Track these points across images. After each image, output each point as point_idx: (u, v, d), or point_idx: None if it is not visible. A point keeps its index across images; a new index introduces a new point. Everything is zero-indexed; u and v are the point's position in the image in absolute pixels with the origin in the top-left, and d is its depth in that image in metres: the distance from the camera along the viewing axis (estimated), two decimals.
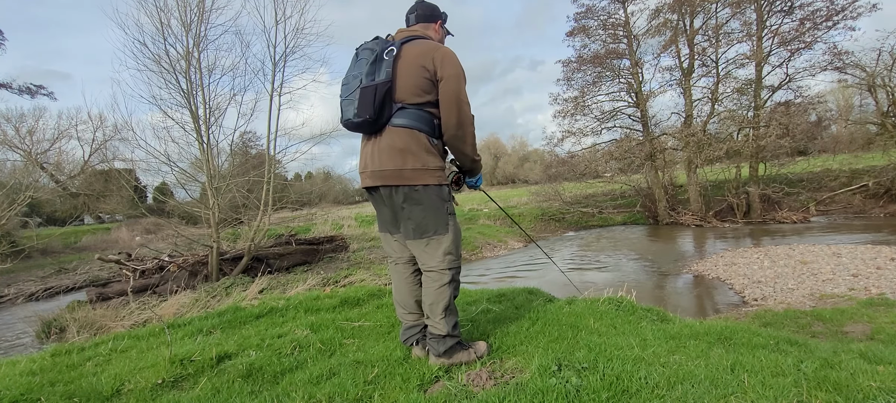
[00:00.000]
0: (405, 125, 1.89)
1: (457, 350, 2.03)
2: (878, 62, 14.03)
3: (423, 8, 2.10)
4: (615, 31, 17.10)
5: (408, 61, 1.88)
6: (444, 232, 1.96)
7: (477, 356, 2.06)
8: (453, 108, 1.90)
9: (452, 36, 2.24)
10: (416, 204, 1.92)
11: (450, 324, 1.99)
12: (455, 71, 1.89)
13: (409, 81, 1.87)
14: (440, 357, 2.00)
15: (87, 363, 2.56)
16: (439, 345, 2.00)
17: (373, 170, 1.96)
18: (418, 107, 1.90)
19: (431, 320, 2.02)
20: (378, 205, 2.12)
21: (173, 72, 8.97)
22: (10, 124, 20.70)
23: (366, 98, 1.84)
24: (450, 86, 1.88)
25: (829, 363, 1.79)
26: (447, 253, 1.96)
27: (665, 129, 17.31)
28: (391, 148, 1.89)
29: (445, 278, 1.97)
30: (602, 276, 8.55)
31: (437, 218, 1.95)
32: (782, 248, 9.26)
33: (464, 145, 2.01)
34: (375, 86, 1.83)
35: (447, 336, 2.00)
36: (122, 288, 8.33)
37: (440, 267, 1.97)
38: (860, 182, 14.47)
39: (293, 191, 15.37)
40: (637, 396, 1.58)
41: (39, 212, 23.74)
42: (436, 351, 2.01)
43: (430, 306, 2.01)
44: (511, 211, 18.18)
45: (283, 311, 3.37)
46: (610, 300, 2.94)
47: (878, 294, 5.70)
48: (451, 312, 2.01)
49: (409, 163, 1.88)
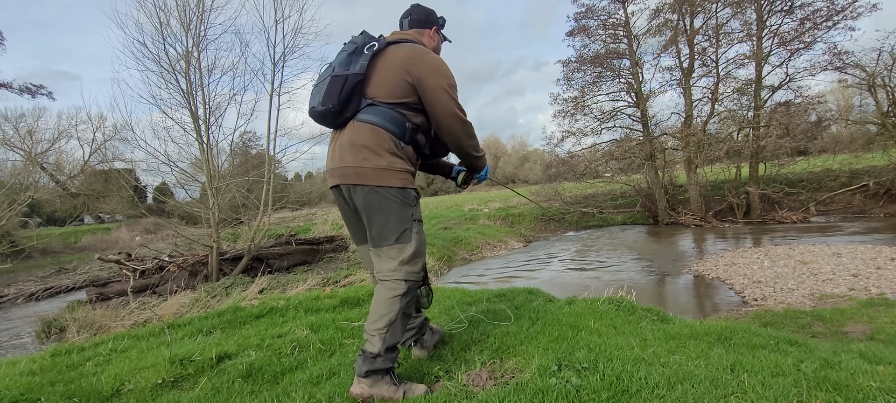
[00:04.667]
0: (370, 121, 1.75)
1: (382, 378, 1.73)
2: (878, 62, 14.02)
3: (417, 12, 2.00)
4: (615, 31, 17.10)
5: (390, 61, 1.78)
6: (406, 240, 1.77)
7: (403, 396, 1.74)
8: (453, 123, 1.83)
9: (450, 42, 2.16)
10: (376, 208, 1.75)
11: (386, 344, 1.73)
12: (442, 82, 1.77)
13: (385, 80, 1.76)
14: (362, 378, 1.72)
15: (87, 363, 2.56)
16: (364, 364, 1.71)
17: (333, 166, 1.82)
18: (391, 107, 1.77)
19: (368, 334, 1.76)
20: (344, 210, 1.94)
21: (173, 72, 8.97)
22: (9, 124, 20.75)
23: (333, 87, 1.72)
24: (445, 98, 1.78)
25: (829, 363, 1.79)
26: (404, 263, 1.76)
27: (665, 129, 17.31)
28: (352, 144, 1.75)
29: (399, 289, 1.75)
30: (602, 276, 8.55)
31: (400, 224, 1.76)
32: (782, 248, 9.26)
33: (473, 151, 1.97)
34: (346, 77, 1.72)
35: (377, 356, 1.72)
36: (122, 288, 8.32)
37: (395, 277, 1.76)
38: (860, 182, 14.46)
39: (293, 191, 15.38)
40: (637, 396, 1.58)
41: (39, 212, 23.75)
42: (359, 371, 1.73)
43: (372, 320, 1.76)
44: (511, 212, 18.18)
45: (283, 311, 3.38)
46: (610, 300, 2.95)
47: (879, 294, 5.69)
48: (393, 331, 1.75)
49: (370, 161, 1.72)
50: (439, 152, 2.04)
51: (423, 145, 1.89)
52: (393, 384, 1.75)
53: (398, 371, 1.97)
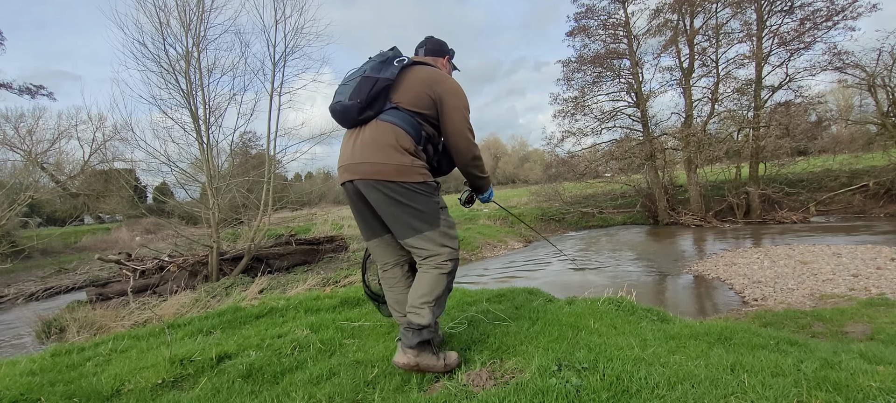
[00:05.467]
0: (394, 122, 1.88)
1: (426, 349, 1.91)
2: (878, 62, 14.02)
3: (432, 44, 2.22)
4: (615, 31, 17.10)
5: (416, 76, 1.95)
6: (437, 224, 1.93)
7: (445, 365, 1.95)
8: (460, 141, 1.98)
9: (459, 71, 2.32)
10: (407, 201, 1.87)
11: (434, 315, 1.90)
12: (459, 103, 1.96)
13: (410, 90, 1.92)
14: (410, 349, 1.87)
15: (87, 363, 2.56)
16: (414, 337, 1.86)
17: (350, 162, 1.92)
18: (411, 114, 1.92)
19: (415, 308, 1.89)
20: (357, 206, 2.03)
21: (173, 72, 8.97)
22: (9, 124, 20.76)
23: (364, 86, 1.87)
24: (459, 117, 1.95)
25: (829, 363, 1.79)
26: (444, 244, 1.93)
27: (665, 129, 17.31)
28: (376, 141, 1.86)
29: (445, 267, 1.93)
30: (602, 276, 8.55)
31: (431, 212, 1.92)
32: (782, 248, 9.26)
33: (476, 170, 2.11)
34: (377, 79, 1.88)
35: (426, 328, 1.87)
36: (122, 288, 8.32)
37: (440, 260, 1.92)
38: (860, 182, 14.46)
39: (293, 191, 15.41)
40: (637, 396, 1.58)
41: (39, 212, 23.74)
42: (408, 342, 1.87)
43: (420, 295, 1.90)
44: (511, 211, 18.17)
45: (283, 311, 3.38)
46: (610, 300, 2.95)
47: (879, 294, 5.69)
48: (440, 304, 1.94)
49: (394, 158, 1.85)
50: (444, 169, 2.15)
51: (431, 156, 2.03)
52: (434, 354, 1.94)
53: (398, 372, 1.99)
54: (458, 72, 2.35)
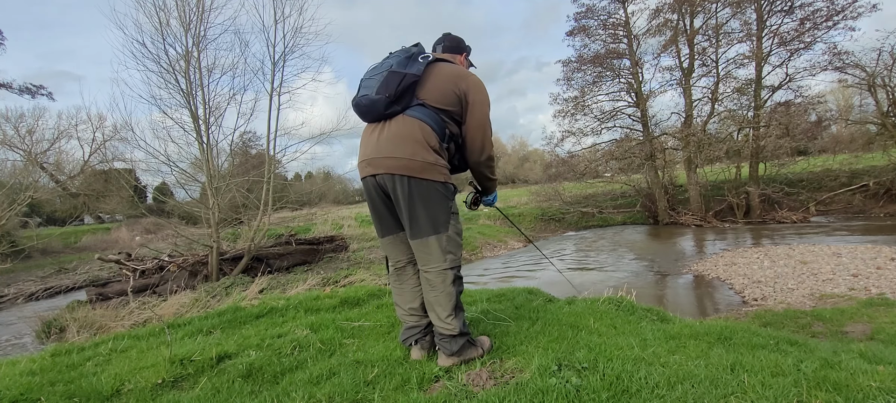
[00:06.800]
0: (421, 119, 1.89)
1: (467, 348, 2.04)
2: (878, 62, 14.02)
3: (450, 40, 2.22)
4: (615, 31, 17.10)
5: (441, 72, 1.96)
6: (445, 229, 1.94)
7: (483, 350, 2.09)
8: (478, 136, 2.00)
9: (475, 68, 2.30)
10: (424, 199, 1.89)
11: (460, 322, 1.99)
12: (484, 98, 1.99)
13: (436, 87, 1.93)
14: (452, 356, 2.00)
15: (87, 363, 2.55)
16: (452, 345, 2.00)
17: (374, 156, 1.92)
18: (436, 111, 1.93)
19: (440, 320, 1.98)
20: (374, 202, 2.04)
21: (173, 72, 8.97)
22: (9, 124, 20.76)
23: (391, 80, 1.86)
24: (481, 113, 1.98)
25: (829, 363, 1.79)
26: (448, 251, 1.95)
27: (665, 129, 17.32)
28: (401, 136, 1.87)
29: (449, 277, 1.95)
30: (602, 276, 8.55)
31: (442, 216, 1.93)
32: (782, 248, 9.26)
33: (488, 170, 2.13)
34: (404, 75, 1.87)
35: (459, 336, 1.99)
36: (122, 288, 8.32)
37: (441, 268, 1.95)
38: (860, 182, 14.47)
39: (293, 191, 15.40)
40: (637, 396, 1.58)
41: (39, 212, 23.74)
42: (448, 350, 2.00)
43: (438, 307, 1.98)
44: (511, 212, 18.19)
45: (283, 311, 3.37)
46: (610, 300, 2.94)
47: (878, 294, 5.69)
48: (459, 310, 2.01)
49: (419, 154, 1.86)
50: (461, 167, 2.18)
51: (452, 154, 2.06)
52: (472, 346, 2.07)
53: (398, 372, 1.99)
54: (475, 68, 2.34)
